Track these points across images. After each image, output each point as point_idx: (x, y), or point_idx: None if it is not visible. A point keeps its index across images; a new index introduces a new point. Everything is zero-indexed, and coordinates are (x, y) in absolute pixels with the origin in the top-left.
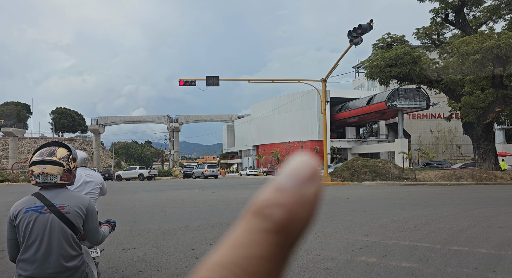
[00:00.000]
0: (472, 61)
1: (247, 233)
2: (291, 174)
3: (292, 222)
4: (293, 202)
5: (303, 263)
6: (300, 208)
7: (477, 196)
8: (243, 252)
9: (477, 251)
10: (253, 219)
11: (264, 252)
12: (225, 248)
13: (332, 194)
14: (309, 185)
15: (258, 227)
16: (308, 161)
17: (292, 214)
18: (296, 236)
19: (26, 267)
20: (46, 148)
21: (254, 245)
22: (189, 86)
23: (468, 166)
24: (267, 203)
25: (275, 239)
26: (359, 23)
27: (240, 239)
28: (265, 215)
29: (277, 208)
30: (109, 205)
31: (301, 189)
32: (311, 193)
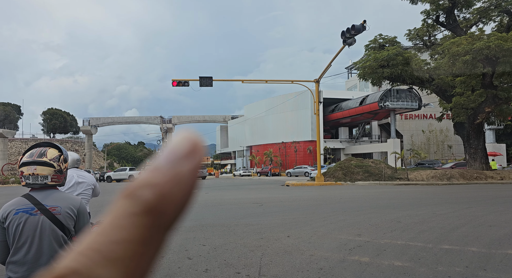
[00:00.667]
0: (462, 62)
1: (114, 217)
2: (168, 152)
3: (163, 203)
4: (165, 181)
5: (296, 263)
6: (173, 188)
7: (468, 195)
8: (106, 238)
9: (468, 250)
10: (123, 202)
11: (131, 235)
12: (91, 235)
13: (325, 194)
14: (185, 162)
15: (127, 210)
16: (189, 136)
17: (163, 194)
18: (169, 218)
19: (16, 269)
20: (36, 148)
21: (120, 229)
22: (182, 87)
23: (459, 165)
24: (139, 184)
25: (143, 221)
26: (352, 24)
27: (105, 225)
28: (135, 196)
29: (147, 189)
30: (101, 206)
31: (175, 167)
32: (186, 171)
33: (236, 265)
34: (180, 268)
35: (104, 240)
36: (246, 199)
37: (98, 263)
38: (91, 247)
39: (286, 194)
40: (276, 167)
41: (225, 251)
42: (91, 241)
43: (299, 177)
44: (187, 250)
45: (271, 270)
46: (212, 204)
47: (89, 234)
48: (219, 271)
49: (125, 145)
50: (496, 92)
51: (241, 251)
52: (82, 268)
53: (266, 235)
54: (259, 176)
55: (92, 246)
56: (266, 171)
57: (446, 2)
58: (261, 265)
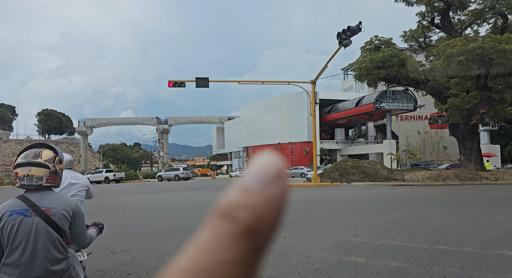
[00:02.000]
0: (457, 63)
1: (214, 237)
2: (256, 174)
3: (261, 224)
4: (261, 203)
5: (292, 264)
6: (268, 209)
7: (463, 196)
8: (211, 257)
9: (463, 250)
10: (220, 222)
11: (233, 256)
12: (191, 252)
13: (322, 195)
14: (275, 185)
15: (226, 230)
16: (273, 160)
17: (260, 216)
18: (265, 239)
19: (11, 271)
20: (31, 149)
21: (222, 249)
22: (178, 88)
23: (454, 166)
24: (234, 204)
25: (244, 242)
26: (348, 25)
27: (207, 243)
28: (233, 217)
29: (245, 210)
30: (97, 207)
31: (267, 189)
32: (277, 193)
33: None
34: None
35: (209, 260)
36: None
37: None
38: (197, 266)
39: None
40: None
41: None
42: (196, 259)
43: (296, 178)
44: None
45: (267, 271)
46: (209, 205)
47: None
48: None
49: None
50: (491, 94)
51: None
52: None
53: None
54: None
55: (198, 265)
56: None
57: (441, 4)
58: None
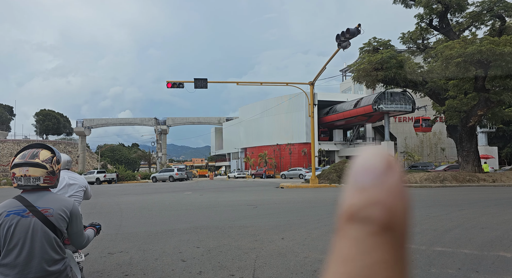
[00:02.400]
0: (455, 65)
1: (354, 242)
2: (365, 170)
3: (394, 218)
4: (386, 196)
5: (290, 265)
6: (395, 201)
7: (461, 197)
8: (360, 263)
9: (461, 252)
10: (353, 226)
11: (382, 256)
12: (336, 266)
13: (320, 196)
14: (390, 176)
15: (363, 232)
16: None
17: (390, 209)
18: (402, 231)
19: (7, 272)
20: (28, 149)
21: (367, 252)
22: (176, 89)
23: (452, 168)
24: (359, 205)
25: (385, 240)
26: (347, 27)
27: (348, 251)
28: (364, 218)
29: (373, 207)
30: (94, 208)
31: (385, 181)
32: (396, 183)
33: (230, 267)
34: (173, 271)
35: (359, 266)
36: (240, 201)
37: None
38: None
39: (281, 196)
40: (271, 169)
41: (219, 254)
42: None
43: (294, 179)
44: (181, 252)
45: (265, 272)
46: (206, 206)
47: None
48: (213, 273)
49: (119, 147)
50: (489, 96)
51: (235, 254)
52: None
53: (260, 237)
54: (254, 178)
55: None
56: (260, 173)
57: (439, 6)
58: (255, 268)
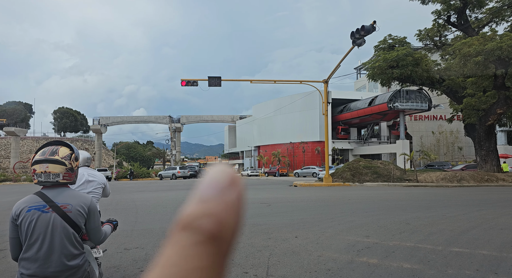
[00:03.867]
0: (474, 63)
1: (179, 249)
2: (210, 183)
3: (222, 230)
4: (220, 210)
5: (304, 263)
6: (228, 215)
7: (479, 197)
8: (180, 268)
9: (479, 253)
10: (183, 234)
11: (201, 263)
12: (158, 269)
13: (333, 195)
14: (230, 191)
15: (190, 240)
16: (224, 168)
17: (221, 222)
18: (229, 242)
19: (28, 265)
20: (48, 146)
21: (189, 258)
22: (190, 87)
23: (470, 167)
24: (194, 215)
25: (209, 250)
26: (362, 25)
27: (173, 256)
28: (195, 227)
29: (205, 219)
30: (110, 204)
31: (223, 196)
32: (234, 199)
33: (243, 264)
34: None
35: (179, 270)
36: (253, 199)
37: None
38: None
39: (294, 195)
40: (284, 167)
41: None
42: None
43: (307, 178)
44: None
45: (278, 270)
46: None
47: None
48: None
49: (134, 144)
50: (509, 94)
51: (249, 251)
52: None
53: (273, 235)
54: (267, 176)
55: None
56: (274, 171)
57: (457, 2)
58: (269, 265)
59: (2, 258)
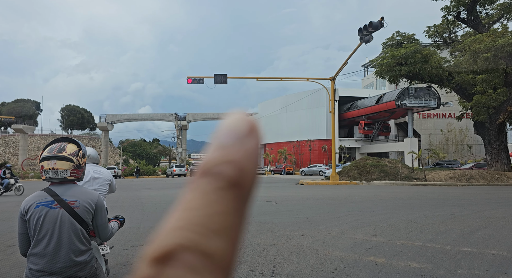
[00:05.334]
0: (484, 60)
1: (202, 194)
2: (229, 131)
3: (243, 176)
4: (240, 156)
5: (310, 262)
6: (247, 162)
7: (489, 196)
8: (203, 212)
9: (488, 253)
10: (205, 180)
11: (224, 208)
12: (181, 212)
13: (340, 193)
14: (249, 139)
15: (212, 186)
16: (243, 117)
17: (241, 168)
18: (249, 188)
19: (37, 261)
20: (56, 143)
21: (212, 203)
22: (195, 85)
23: (479, 166)
24: (214, 162)
25: (231, 195)
26: (369, 21)
27: (196, 201)
28: (216, 173)
29: (226, 165)
30: (117, 202)
31: (243, 143)
32: (253, 146)
33: (249, 263)
34: None
35: (202, 214)
36: (260, 197)
37: (204, 235)
38: (192, 222)
39: (300, 193)
40: (290, 165)
41: None
42: (188, 216)
43: (314, 176)
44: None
45: (285, 268)
46: None
47: (179, 211)
48: None
49: (140, 142)
50: None
51: (255, 249)
52: (190, 242)
53: (280, 233)
54: (273, 174)
55: (193, 221)
56: (280, 169)
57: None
58: (275, 264)
59: (10, 253)
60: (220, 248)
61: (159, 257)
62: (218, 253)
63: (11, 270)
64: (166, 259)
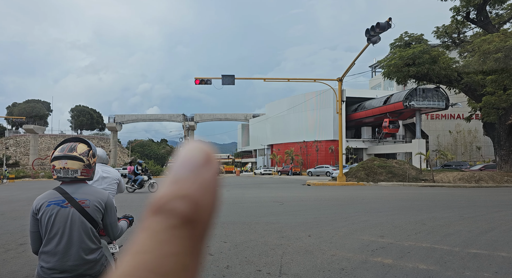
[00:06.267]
0: (494, 60)
1: (152, 234)
2: (183, 162)
3: (198, 211)
4: (194, 190)
5: (317, 262)
6: (203, 195)
7: (498, 198)
8: (152, 255)
9: (498, 255)
10: (156, 218)
11: (175, 248)
12: (131, 256)
13: (347, 194)
14: (205, 170)
15: (163, 225)
16: (199, 146)
17: (196, 203)
18: (205, 225)
19: (48, 259)
20: (67, 143)
21: (163, 244)
22: (203, 86)
23: (489, 167)
24: (166, 197)
25: (184, 233)
26: (377, 22)
27: (146, 243)
28: (168, 210)
29: (179, 200)
30: (125, 201)
31: (198, 175)
32: (209, 178)
33: (257, 262)
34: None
35: (151, 258)
36: (266, 198)
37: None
38: (140, 267)
39: (307, 193)
40: (297, 166)
41: (246, 249)
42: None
43: (321, 177)
44: (208, 247)
45: (292, 268)
46: (233, 201)
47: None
48: (240, 268)
49: (148, 142)
50: None
51: (262, 249)
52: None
53: (286, 233)
54: (280, 174)
55: (142, 266)
56: (287, 170)
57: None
58: (282, 264)
59: (22, 252)
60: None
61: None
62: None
63: (23, 267)
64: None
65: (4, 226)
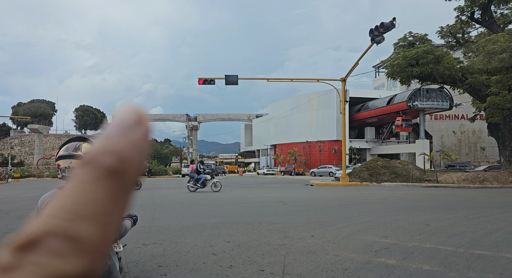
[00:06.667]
0: (499, 60)
1: (80, 183)
2: (117, 122)
3: (123, 165)
4: (122, 146)
5: (321, 262)
6: (129, 151)
7: (503, 199)
8: (76, 200)
9: (503, 256)
10: (84, 170)
11: (98, 196)
12: (58, 200)
13: (350, 195)
14: (135, 129)
15: (90, 175)
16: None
17: (122, 158)
18: (129, 177)
19: None
20: (71, 143)
21: (87, 192)
22: (206, 86)
23: (493, 168)
24: (96, 152)
25: (108, 183)
26: (381, 22)
27: (72, 189)
28: (95, 163)
29: (106, 155)
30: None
31: (128, 133)
32: (138, 136)
33: (260, 262)
34: (205, 264)
35: (74, 202)
36: (269, 198)
37: (72, 221)
38: (64, 209)
39: (310, 194)
40: (300, 166)
41: (249, 249)
42: (62, 204)
43: (324, 177)
44: (211, 246)
45: (295, 268)
46: (236, 201)
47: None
48: (243, 267)
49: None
50: None
51: (265, 249)
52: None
53: (290, 233)
54: (283, 175)
55: (63, 208)
56: (290, 170)
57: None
58: (285, 264)
59: None
60: (88, 233)
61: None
62: (85, 238)
63: None
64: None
65: (10, 224)
